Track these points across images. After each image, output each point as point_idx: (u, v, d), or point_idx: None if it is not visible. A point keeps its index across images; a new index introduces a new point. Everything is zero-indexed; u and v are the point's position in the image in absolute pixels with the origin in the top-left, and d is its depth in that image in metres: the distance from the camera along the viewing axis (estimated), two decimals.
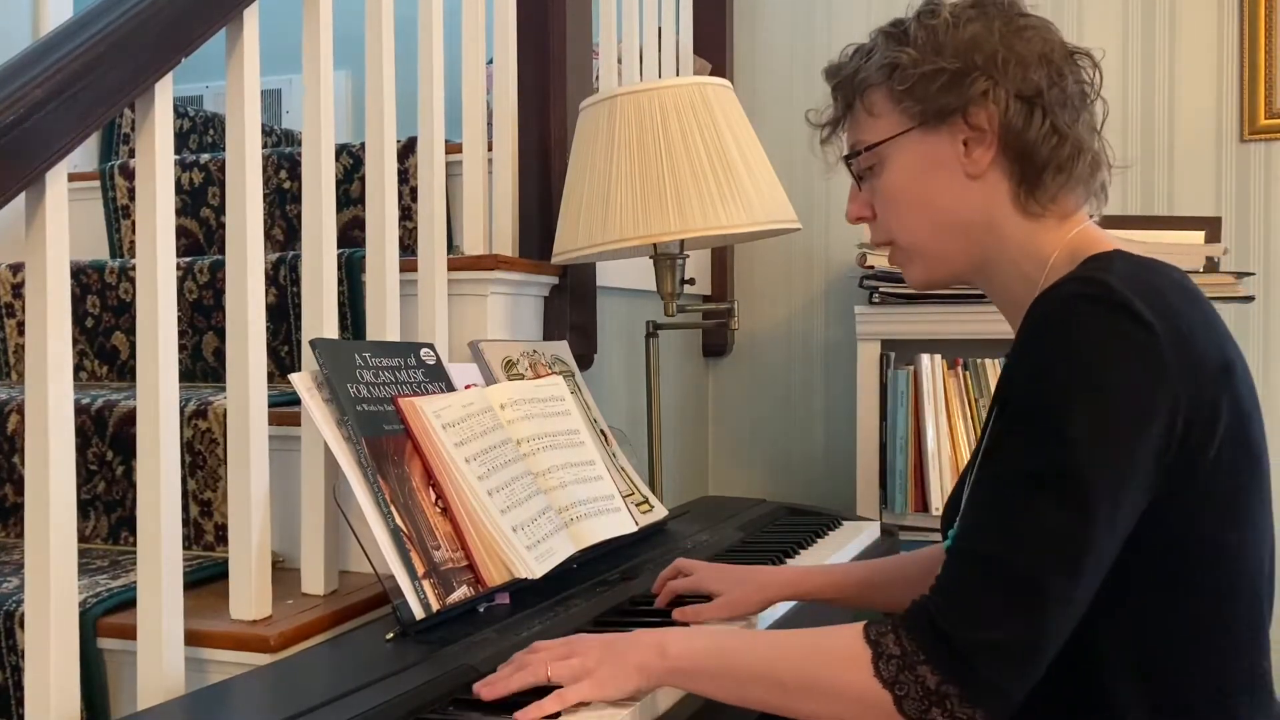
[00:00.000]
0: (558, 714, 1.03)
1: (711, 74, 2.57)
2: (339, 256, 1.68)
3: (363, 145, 1.74)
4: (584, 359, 1.96)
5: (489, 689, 1.06)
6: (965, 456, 2.34)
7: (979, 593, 0.98)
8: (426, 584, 1.25)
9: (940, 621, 0.98)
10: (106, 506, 1.69)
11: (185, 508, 1.61)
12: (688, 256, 1.94)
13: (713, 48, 2.71)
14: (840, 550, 1.79)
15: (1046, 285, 1.08)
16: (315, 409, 1.31)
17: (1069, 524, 0.96)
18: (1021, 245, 1.13)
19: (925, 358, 2.37)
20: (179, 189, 2.18)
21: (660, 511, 1.82)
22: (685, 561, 1.45)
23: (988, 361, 2.36)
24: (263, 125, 1.43)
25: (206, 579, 1.47)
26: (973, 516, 1.03)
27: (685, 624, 1.32)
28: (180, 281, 1.87)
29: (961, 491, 1.18)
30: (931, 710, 0.96)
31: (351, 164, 2.12)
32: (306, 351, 1.38)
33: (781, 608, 1.46)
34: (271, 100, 3.39)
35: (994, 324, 2.34)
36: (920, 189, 1.15)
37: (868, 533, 1.98)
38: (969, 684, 0.96)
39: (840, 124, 1.23)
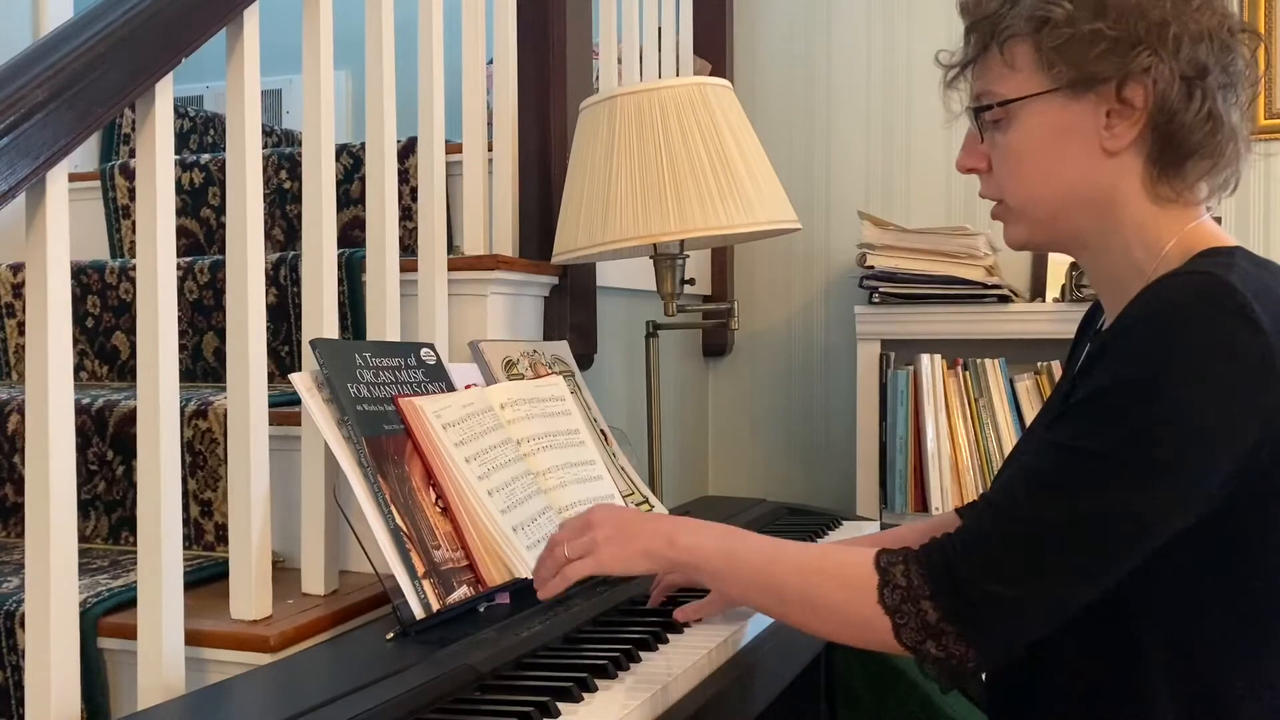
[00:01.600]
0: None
1: (711, 74, 2.57)
2: (339, 256, 1.67)
3: (363, 145, 1.74)
4: (584, 359, 1.96)
5: (539, 587, 1.19)
6: (965, 456, 2.34)
7: (1006, 548, 0.98)
8: (426, 584, 1.25)
9: (957, 564, 0.98)
10: (106, 506, 1.69)
11: (185, 508, 1.61)
12: (688, 256, 1.94)
13: (713, 48, 2.71)
14: None
15: (1156, 276, 1.03)
16: (315, 409, 1.31)
17: (1117, 511, 0.95)
18: (1139, 230, 1.07)
19: (925, 358, 2.37)
20: (179, 189, 2.18)
21: (660, 511, 1.82)
22: None
23: (987, 361, 2.36)
24: (263, 125, 1.43)
25: (206, 579, 1.47)
26: (1024, 476, 1.01)
27: (683, 623, 1.32)
28: (180, 281, 1.87)
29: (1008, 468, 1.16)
30: (926, 642, 0.99)
31: (351, 164, 2.12)
32: (306, 351, 1.38)
33: None
34: (271, 100, 3.39)
35: (994, 324, 2.37)
36: (1048, 155, 1.07)
37: (867, 532, 1.98)
38: (969, 626, 0.98)
39: (969, 67, 1.13)
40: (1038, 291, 2.49)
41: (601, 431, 1.79)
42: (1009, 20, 1.07)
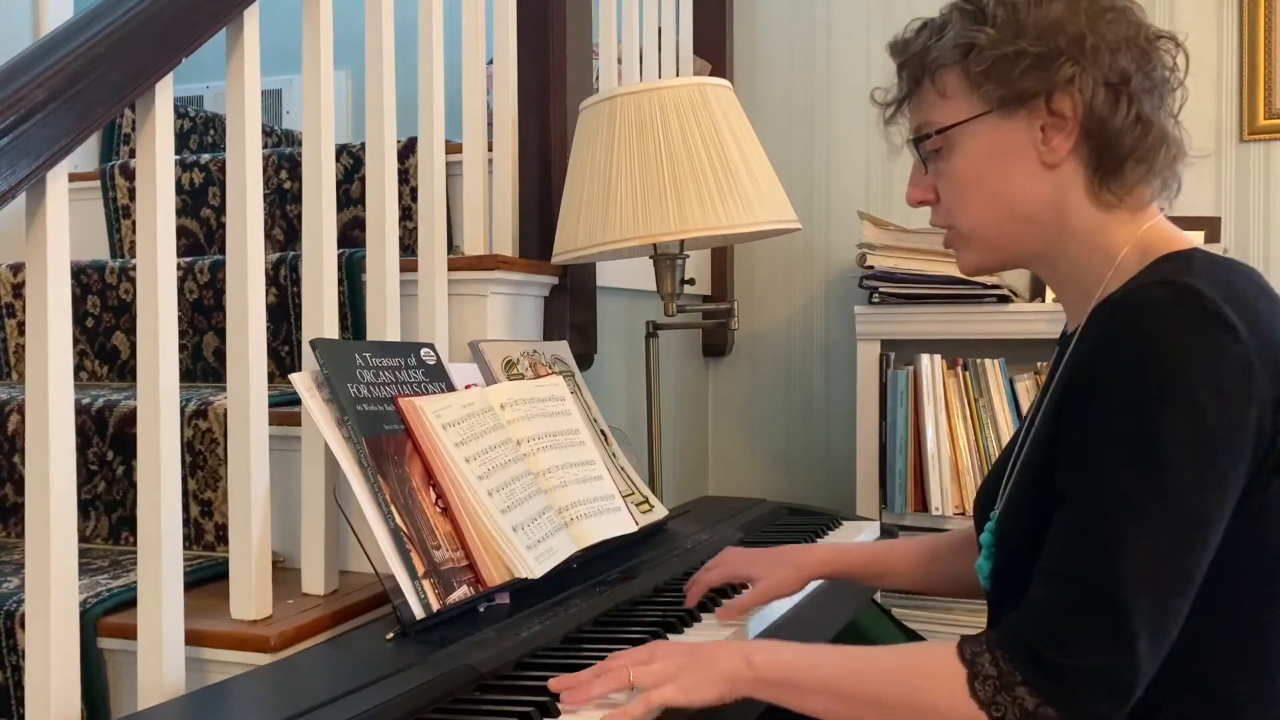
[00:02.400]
0: None
1: (711, 74, 2.57)
2: (339, 256, 1.67)
3: (363, 145, 1.74)
4: (584, 359, 1.96)
5: (572, 694, 1.06)
6: (965, 456, 2.34)
7: (1080, 618, 0.96)
8: (426, 584, 1.25)
9: (1040, 646, 0.96)
10: (107, 506, 1.69)
11: (185, 508, 1.61)
12: (688, 256, 1.94)
13: (713, 48, 2.71)
14: None
15: (1115, 281, 1.05)
16: (315, 409, 1.31)
17: (1169, 548, 0.94)
18: (1090, 238, 1.09)
19: (925, 358, 2.37)
20: (179, 189, 2.18)
21: (660, 511, 1.82)
22: (714, 560, 1.46)
23: (987, 361, 2.36)
24: (263, 125, 1.43)
25: (206, 579, 1.47)
26: (1066, 538, 0.99)
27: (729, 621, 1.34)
28: (180, 281, 1.88)
29: (999, 480, 1.15)
30: None
31: (351, 164, 2.12)
32: (306, 351, 1.38)
33: (787, 602, 1.48)
34: (271, 100, 3.39)
35: (994, 324, 2.37)
36: (991, 176, 1.11)
37: (867, 532, 1.98)
38: (1068, 708, 0.95)
39: (904, 103, 1.17)
40: (1037, 291, 2.49)
41: (601, 431, 1.79)
42: (936, 52, 1.11)
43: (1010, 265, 1.19)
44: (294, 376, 1.32)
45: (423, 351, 1.51)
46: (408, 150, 2.02)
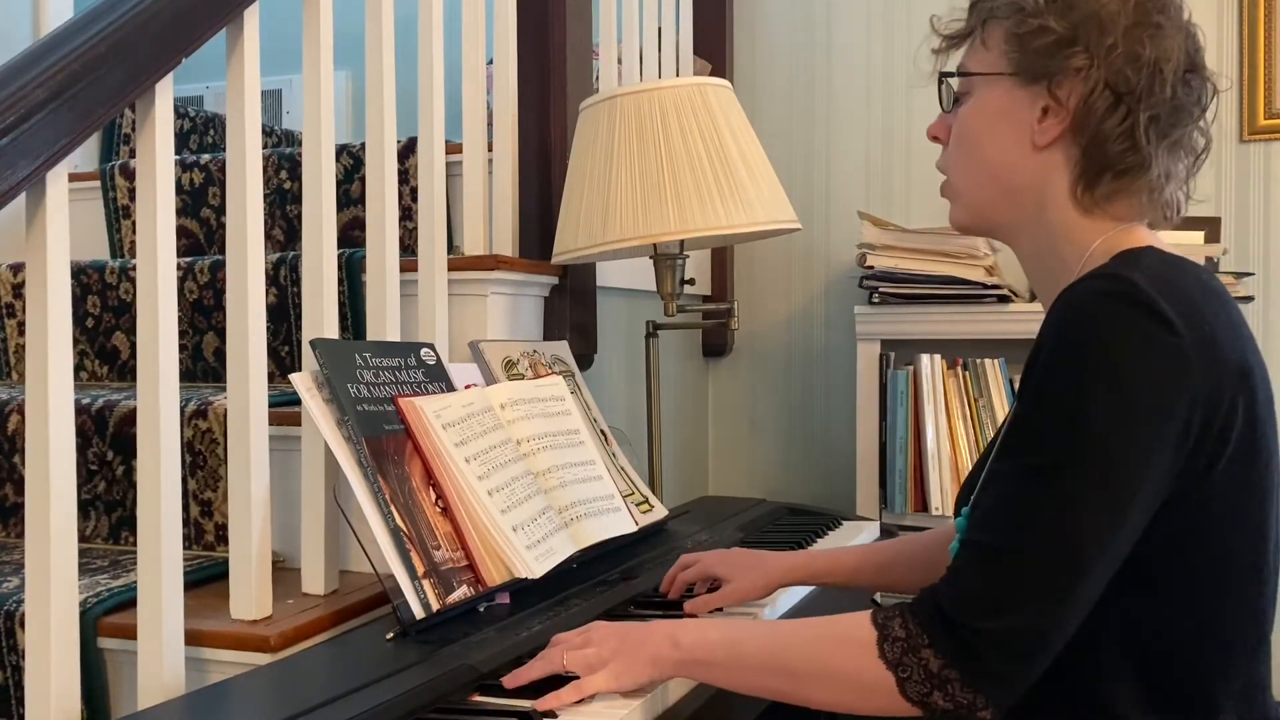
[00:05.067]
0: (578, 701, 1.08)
1: (711, 74, 2.57)
2: (339, 256, 1.68)
3: (363, 145, 1.74)
4: (584, 359, 1.97)
5: (512, 678, 1.11)
6: (965, 456, 2.34)
7: (988, 582, 0.98)
8: (426, 584, 1.25)
9: (947, 608, 0.98)
10: (107, 506, 1.69)
11: (185, 508, 1.61)
12: (688, 256, 1.94)
13: (713, 48, 2.71)
14: None
15: (1081, 274, 1.07)
16: (315, 409, 1.31)
17: (1081, 519, 0.96)
18: (1066, 231, 1.12)
19: (925, 358, 2.37)
20: (179, 189, 2.18)
21: (660, 511, 1.82)
22: (689, 555, 1.46)
23: (987, 361, 2.36)
24: (263, 125, 1.43)
25: (206, 579, 1.47)
26: (986, 508, 1.02)
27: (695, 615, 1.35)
28: (180, 281, 1.88)
29: (978, 473, 1.17)
30: (933, 694, 0.98)
31: (351, 164, 2.12)
32: (306, 351, 1.38)
33: (795, 596, 1.47)
34: (271, 100, 3.39)
35: (994, 324, 2.37)
36: (985, 136, 1.14)
37: (867, 533, 1.98)
38: (970, 670, 0.97)
39: (957, 43, 1.20)
40: None
41: (601, 431, 1.79)
42: (998, 4, 1.14)
43: (992, 233, 1.21)
44: (294, 376, 1.33)
45: (423, 351, 1.51)
46: (408, 150, 2.02)
